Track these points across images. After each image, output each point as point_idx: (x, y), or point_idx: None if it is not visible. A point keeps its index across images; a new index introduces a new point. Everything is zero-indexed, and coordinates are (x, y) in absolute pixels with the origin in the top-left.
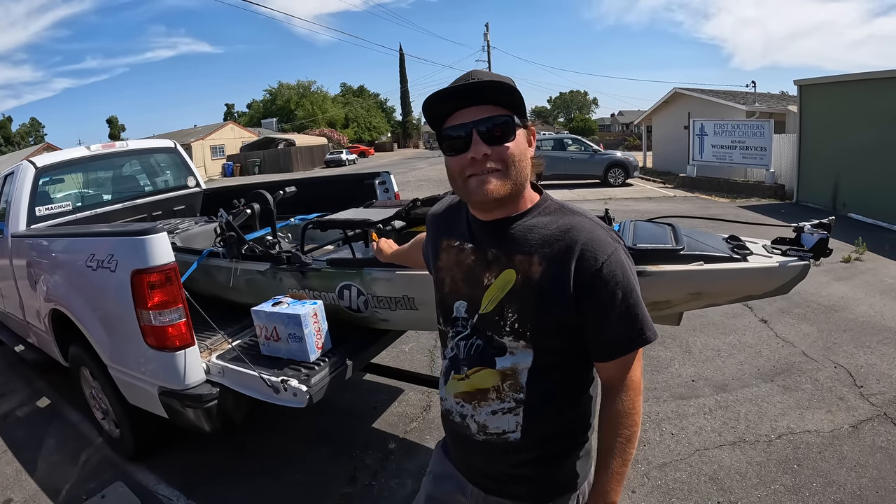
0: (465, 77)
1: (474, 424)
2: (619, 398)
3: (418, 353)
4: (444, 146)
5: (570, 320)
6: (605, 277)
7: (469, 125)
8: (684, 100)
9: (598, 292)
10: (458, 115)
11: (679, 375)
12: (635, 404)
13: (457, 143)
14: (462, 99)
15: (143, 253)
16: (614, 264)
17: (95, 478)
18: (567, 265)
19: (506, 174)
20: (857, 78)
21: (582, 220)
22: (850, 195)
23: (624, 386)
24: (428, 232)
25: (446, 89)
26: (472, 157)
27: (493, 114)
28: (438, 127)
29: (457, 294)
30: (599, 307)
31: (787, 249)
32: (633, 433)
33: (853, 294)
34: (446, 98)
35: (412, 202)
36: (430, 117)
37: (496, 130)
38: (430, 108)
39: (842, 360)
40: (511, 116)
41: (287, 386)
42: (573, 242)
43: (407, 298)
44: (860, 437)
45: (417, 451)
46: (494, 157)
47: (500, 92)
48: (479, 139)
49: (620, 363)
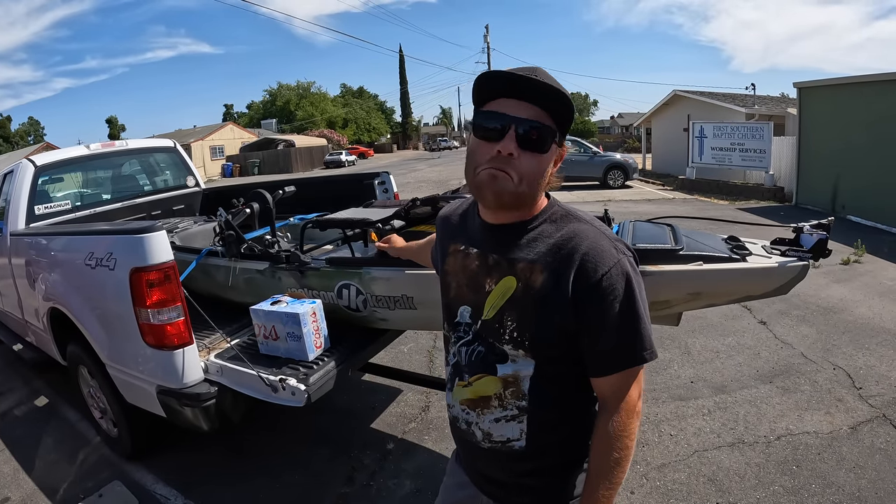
0: (529, 69)
1: (479, 432)
2: (610, 419)
3: (417, 354)
4: (476, 128)
5: (569, 330)
6: (605, 289)
7: (510, 119)
8: (684, 102)
9: (595, 304)
10: (502, 103)
11: (678, 377)
12: (627, 427)
13: (490, 132)
14: (517, 88)
15: (142, 251)
16: (615, 277)
17: (93, 477)
18: (567, 274)
19: (520, 183)
20: (856, 81)
21: (587, 229)
22: (850, 197)
23: (617, 406)
24: (437, 234)
25: (508, 72)
26: (498, 151)
27: (537, 118)
28: (480, 105)
29: (462, 299)
30: (596, 319)
31: (786, 250)
32: (623, 457)
33: (852, 296)
34: (505, 80)
35: (411, 202)
36: (477, 92)
37: (533, 135)
38: (482, 83)
39: (841, 361)
40: (553, 129)
41: (285, 385)
42: (574, 251)
43: (406, 298)
44: (859, 438)
45: (416, 451)
46: (517, 162)
47: (554, 100)
48: (513, 136)
49: (614, 381)
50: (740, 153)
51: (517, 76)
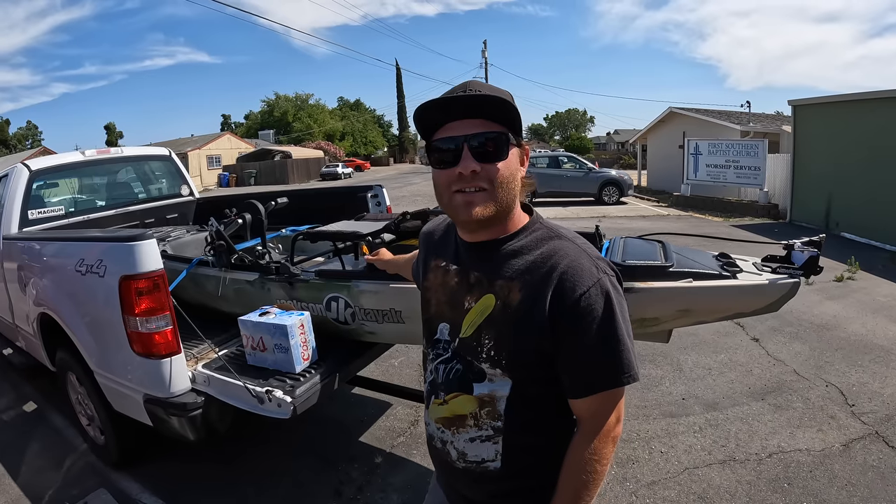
0: (461, 87)
1: (454, 451)
2: (585, 441)
3: (407, 368)
4: (432, 158)
5: (547, 350)
6: (583, 310)
7: (460, 139)
8: (679, 119)
9: (573, 325)
10: (449, 127)
11: (669, 393)
12: (599, 451)
13: (446, 157)
14: (456, 110)
15: (132, 259)
16: (595, 297)
17: (79, 484)
18: (545, 293)
19: (493, 195)
20: (850, 98)
21: (567, 246)
22: (843, 214)
23: (593, 429)
24: (420, 250)
25: (440, 99)
26: (459, 173)
27: (486, 129)
28: (429, 137)
29: (441, 316)
30: (573, 340)
31: (777, 267)
32: (592, 481)
33: (845, 313)
34: (440, 108)
35: (401, 215)
36: (421, 127)
37: (488, 146)
38: (421, 116)
39: (833, 378)
40: (505, 133)
41: (271, 396)
42: (553, 269)
43: (394, 311)
44: (851, 455)
45: (404, 465)
46: (483, 175)
47: (495, 107)
48: (469, 154)
49: (592, 403)
50: (735, 170)
51: (449, 99)
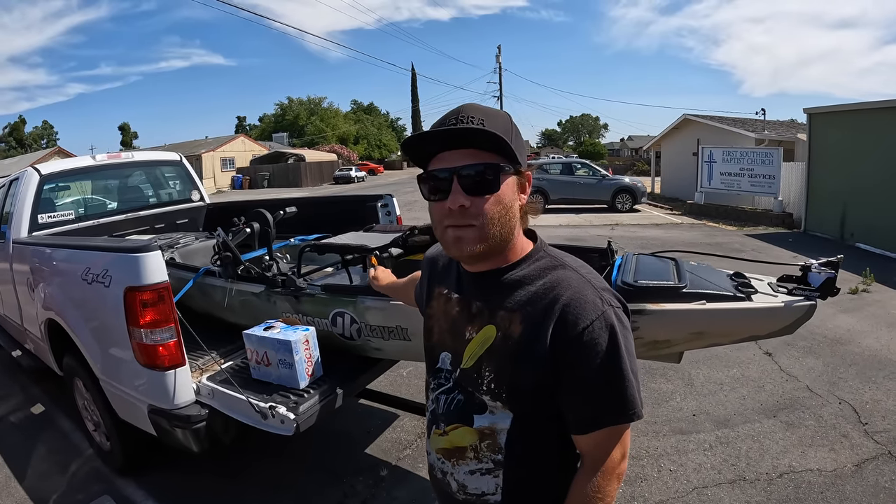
0: (453, 113)
1: (454, 483)
2: (587, 478)
3: (416, 378)
4: (424, 189)
5: (548, 384)
6: (586, 344)
7: (448, 171)
8: (694, 126)
9: (575, 359)
10: (443, 157)
11: (680, 409)
12: (603, 489)
13: (435, 190)
14: (446, 140)
15: (137, 270)
16: (598, 330)
17: (84, 489)
18: (546, 326)
19: (482, 232)
20: (866, 107)
21: (571, 277)
22: (859, 224)
23: (596, 466)
24: (423, 274)
25: (426, 132)
26: (448, 209)
27: (476, 161)
28: (424, 167)
29: (443, 345)
30: (575, 375)
31: (793, 288)
32: None
33: (860, 327)
34: (426, 142)
35: (409, 230)
36: (414, 157)
37: (479, 178)
38: (409, 149)
39: (847, 395)
40: (496, 164)
41: (275, 412)
42: (555, 301)
43: (400, 329)
44: (863, 476)
45: (409, 479)
46: (473, 210)
47: (486, 138)
48: (458, 188)
49: (594, 439)
50: (749, 178)
51: (435, 133)
